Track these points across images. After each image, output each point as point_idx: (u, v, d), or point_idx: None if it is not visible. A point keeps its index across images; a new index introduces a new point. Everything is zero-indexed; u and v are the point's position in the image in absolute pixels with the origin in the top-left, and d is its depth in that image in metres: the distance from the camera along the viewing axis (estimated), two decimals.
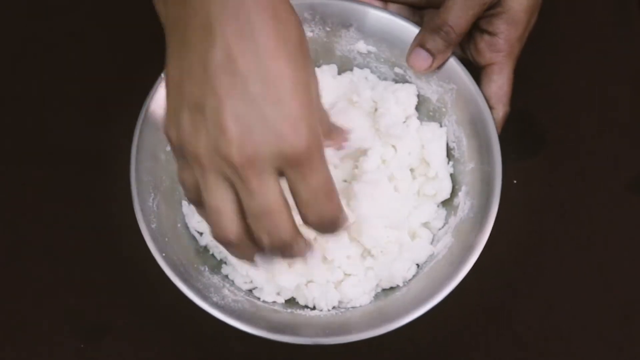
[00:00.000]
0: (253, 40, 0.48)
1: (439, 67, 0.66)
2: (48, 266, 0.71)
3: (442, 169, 0.67)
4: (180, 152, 0.51)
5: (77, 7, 0.78)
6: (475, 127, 0.65)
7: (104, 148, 0.73)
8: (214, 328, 0.61)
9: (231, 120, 0.48)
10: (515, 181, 0.71)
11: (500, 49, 0.64)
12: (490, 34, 0.64)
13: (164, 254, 0.62)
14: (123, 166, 0.64)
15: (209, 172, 0.49)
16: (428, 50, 0.65)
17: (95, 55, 0.76)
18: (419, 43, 0.65)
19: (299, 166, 0.49)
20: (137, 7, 0.77)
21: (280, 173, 0.49)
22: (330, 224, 0.52)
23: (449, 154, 0.68)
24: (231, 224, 0.50)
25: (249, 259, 0.54)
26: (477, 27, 0.65)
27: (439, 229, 0.67)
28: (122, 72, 0.75)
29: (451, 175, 0.68)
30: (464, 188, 0.66)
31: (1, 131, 0.75)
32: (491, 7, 0.64)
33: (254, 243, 0.52)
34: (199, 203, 0.52)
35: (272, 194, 0.49)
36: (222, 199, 0.50)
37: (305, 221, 0.51)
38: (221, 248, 0.64)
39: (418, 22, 0.69)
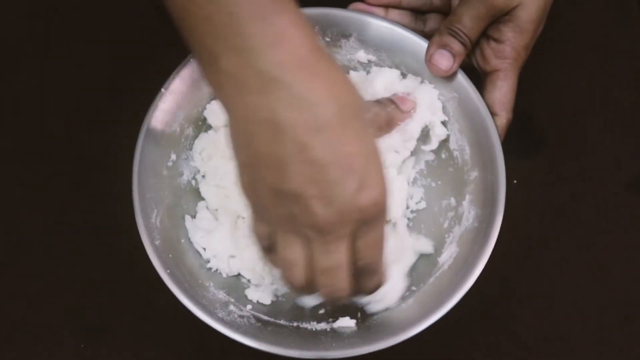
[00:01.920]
0: (322, 130, 0.50)
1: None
2: (48, 266, 0.71)
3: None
4: (259, 213, 0.55)
5: (78, 8, 0.78)
6: (478, 136, 0.65)
7: (104, 148, 0.73)
8: (213, 328, 0.61)
9: (317, 204, 0.51)
10: (515, 181, 0.71)
11: (507, 56, 0.64)
12: (497, 41, 0.64)
13: (168, 271, 0.61)
14: (123, 166, 0.64)
15: (288, 232, 0.54)
16: (450, 51, 0.64)
17: (96, 55, 0.76)
18: (440, 45, 0.65)
19: (370, 224, 0.53)
20: (138, 8, 0.77)
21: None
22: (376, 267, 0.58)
23: (453, 161, 0.68)
24: (301, 274, 0.55)
25: (304, 294, 0.62)
26: (484, 34, 0.65)
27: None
28: (122, 72, 0.75)
29: (454, 183, 0.68)
30: (467, 197, 0.66)
31: (1, 131, 0.75)
32: (500, 15, 0.64)
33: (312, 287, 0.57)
34: (268, 250, 0.57)
35: (343, 256, 0.54)
36: (296, 254, 0.55)
37: (362, 261, 0.56)
38: (228, 265, 0.66)
39: (420, 28, 0.69)
